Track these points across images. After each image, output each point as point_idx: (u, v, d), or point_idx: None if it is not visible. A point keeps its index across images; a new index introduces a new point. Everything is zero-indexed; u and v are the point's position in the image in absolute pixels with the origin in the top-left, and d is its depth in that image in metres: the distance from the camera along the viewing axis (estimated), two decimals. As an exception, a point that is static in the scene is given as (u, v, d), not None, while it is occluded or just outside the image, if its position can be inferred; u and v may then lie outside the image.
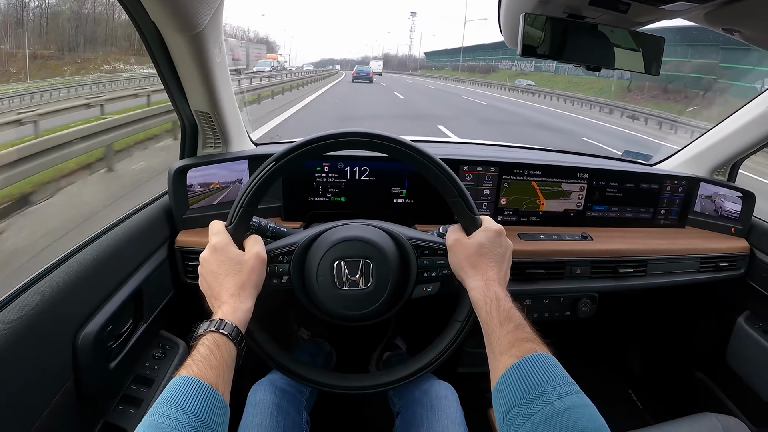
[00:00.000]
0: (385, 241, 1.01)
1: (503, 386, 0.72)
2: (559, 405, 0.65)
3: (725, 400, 1.76)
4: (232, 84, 1.34)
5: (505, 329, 0.80)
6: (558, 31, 1.08)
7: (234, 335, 0.80)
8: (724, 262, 1.61)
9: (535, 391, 0.68)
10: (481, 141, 2.17)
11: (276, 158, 0.93)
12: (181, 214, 1.31)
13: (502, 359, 0.76)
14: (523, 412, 0.66)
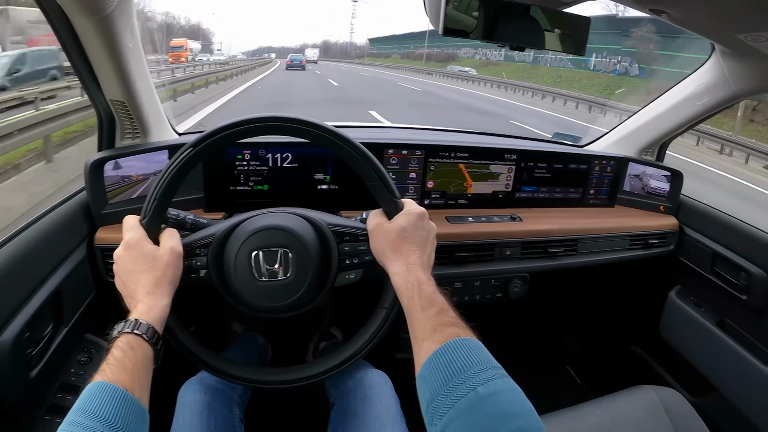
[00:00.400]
0: (304, 228, 0.97)
1: (426, 373, 0.70)
2: (482, 390, 0.63)
3: (661, 372, 1.81)
4: (148, 71, 1.28)
5: (428, 314, 0.78)
6: (481, 11, 1.05)
7: (149, 335, 0.77)
8: (654, 239, 1.65)
9: (459, 377, 0.66)
10: (410, 125, 2.16)
11: (189, 146, 0.89)
12: (100, 210, 1.25)
13: (425, 345, 0.73)
14: (446, 400, 0.64)
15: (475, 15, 1.05)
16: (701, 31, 1.18)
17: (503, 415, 0.61)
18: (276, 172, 1.41)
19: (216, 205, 1.40)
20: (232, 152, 1.37)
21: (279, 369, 1.03)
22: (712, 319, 1.58)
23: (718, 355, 1.53)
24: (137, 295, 0.83)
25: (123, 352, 0.72)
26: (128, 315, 0.80)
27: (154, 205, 0.89)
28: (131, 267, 0.85)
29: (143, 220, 0.89)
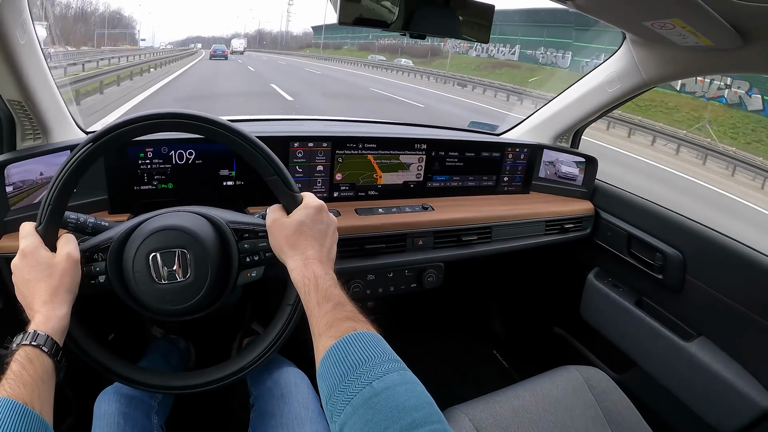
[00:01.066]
0: (202, 227, 0.94)
1: (323, 370, 0.68)
2: (378, 385, 0.62)
3: (584, 352, 1.84)
4: (47, 67, 1.21)
5: (323, 309, 0.76)
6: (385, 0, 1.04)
7: (47, 346, 0.74)
8: (570, 223, 1.67)
9: (354, 373, 0.64)
10: (317, 117, 2.14)
11: (76, 151, 0.85)
12: (3, 217, 1.16)
13: (321, 341, 0.71)
14: (343, 396, 0.62)
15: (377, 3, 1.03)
16: (610, 20, 1.20)
17: (399, 408, 0.59)
18: (180, 170, 1.35)
19: (121, 207, 1.33)
20: (134, 151, 1.31)
21: (187, 374, 1.00)
22: (631, 298, 1.62)
23: (638, 332, 1.56)
24: (34, 305, 0.79)
25: (21, 366, 0.70)
26: (27, 326, 0.76)
27: (48, 210, 0.84)
28: (27, 276, 0.81)
29: (39, 227, 0.85)
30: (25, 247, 0.82)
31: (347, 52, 63.79)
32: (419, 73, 29.76)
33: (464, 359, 1.08)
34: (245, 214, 1.04)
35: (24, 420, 0.63)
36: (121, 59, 22.24)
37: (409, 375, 0.65)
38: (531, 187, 1.78)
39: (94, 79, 12.79)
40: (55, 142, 1.29)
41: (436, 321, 1.69)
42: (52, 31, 2.40)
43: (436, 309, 2.02)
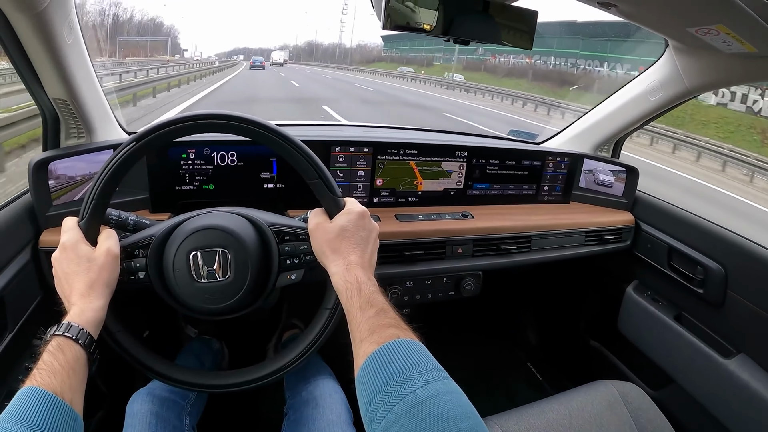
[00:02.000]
0: (244, 228, 0.95)
1: (364, 376, 0.68)
2: (422, 393, 0.61)
3: (620, 366, 1.80)
4: (92, 67, 1.25)
5: (366, 315, 0.76)
6: (425, 4, 1.04)
7: (80, 337, 0.75)
8: (610, 235, 1.64)
9: (397, 380, 0.63)
10: (360, 123, 2.14)
11: (124, 146, 0.87)
12: (44, 212, 1.21)
13: (363, 346, 0.72)
14: (384, 403, 0.62)
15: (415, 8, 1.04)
16: (652, 26, 1.18)
17: (443, 417, 0.59)
18: (221, 171, 1.38)
19: (162, 206, 1.37)
20: (177, 151, 1.34)
21: (224, 373, 1.01)
22: (670, 313, 1.58)
23: (676, 348, 1.53)
24: (72, 297, 0.81)
25: (53, 356, 0.71)
26: (62, 318, 0.78)
27: (91, 205, 0.87)
28: (67, 269, 0.83)
29: (81, 221, 0.87)
30: (66, 240, 0.85)
31: (418, 67, 59.19)
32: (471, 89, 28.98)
33: (497, 369, 1.07)
34: (285, 216, 1.05)
35: (53, 409, 0.65)
36: (150, 71, 21.47)
37: (453, 384, 0.65)
38: (571, 197, 1.77)
39: (127, 91, 13.10)
40: (98, 141, 1.34)
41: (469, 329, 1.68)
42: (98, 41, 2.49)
43: (469, 317, 2.01)
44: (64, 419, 0.65)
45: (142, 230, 0.97)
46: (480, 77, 38.56)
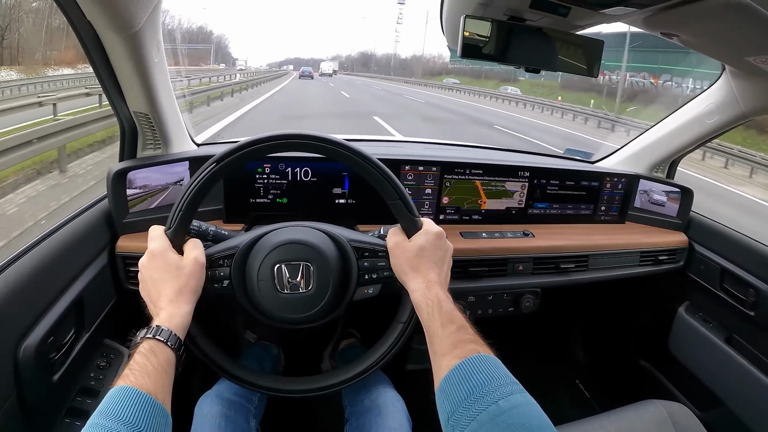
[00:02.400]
0: (325, 243, 0.99)
1: (447, 387, 0.72)
2: (504, 404, 0.65)
3: (669, 387, 1.80)
4: (171, 84, 1.31)
5: (448, 331, 0.80)
6: (499, 33, 1.08)
7: (171, 341, 0.78)
8: (664, 255, 1.65)
9: (479, 391, 0.67)
10: (423, 140, 2.17)
11: (214, 161, 0.91)
12: (121, 219, 1.27)
13: (445, 360, 0.76)
14: (468, 413, 0.66)
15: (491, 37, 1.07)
16: (712, 54, 1.20)
17: (524, 427, 0.63)
18: (295, 186, 1.43)
19: (235, 217, 1.42)
20: (253, 165, 1.39)
21: (298, 378, 1.05)
22: (721, 335, 1.59)
23: (726, 370, 1.53)
24: (160, 302, 0.84)
25: (146, 358, 0.74)
26: (151, 322, 0.81)
27: (179, 216, 0.91)
28: (155, 276, 0.86)
29: (168, 230, 0.91)
30: (155, 248, 0.88)
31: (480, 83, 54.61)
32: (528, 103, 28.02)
33: (545, 385, 1.07)
34: (359, 232, 1.08)
35: (147, 408, 0.67)
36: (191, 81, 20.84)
37: (530, 397, 0.68)
38: (627, 217, 1.78)
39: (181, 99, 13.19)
40: (173, 153, 1.39)
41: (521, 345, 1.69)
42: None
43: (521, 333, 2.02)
44: (158, 418, 0.68)
45: (222, 241, 1.01)
46: (541, 90, 37.91)
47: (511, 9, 1.09)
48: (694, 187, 1.73)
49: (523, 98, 27.89)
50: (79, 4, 0.92)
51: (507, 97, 30.45)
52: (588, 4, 1.01)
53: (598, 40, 1.16)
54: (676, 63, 28.51)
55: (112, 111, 1.28)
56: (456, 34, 1.06)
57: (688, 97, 1.64)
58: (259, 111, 15.19)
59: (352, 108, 18.24)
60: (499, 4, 1.07)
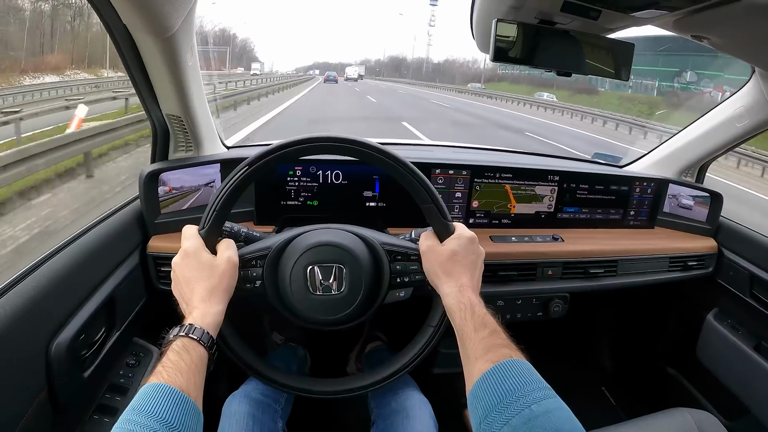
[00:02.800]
0: (358, 245, 1.00)
1: (479, 391, 0.73)
2: (537, 408, 0.66)
3: (697, 395, 1.79)
4: (204, 88, 1.32)
5: (480, 335, 0.80)
6: (529, 37, 1.09)
7: (204, 339, 0.79)
8: (693, 261, 1.64)
9: (512, 395, 0.68)
10: (452, 144, 2.17)
11: (248, 163, 0.92)
12: (153, 219, 1.29)
13: (478, 364, 0.76)
14: (500, 417, 0.67)
15: (522, 41, 1.08)
16: (741, 56, 1.20)
17: (556, 431, 0.63)
18: (326, 189, 1.44)
19: (266, 219, 1.43)
20: (284, 168, 1.40)
21: (327, 380, 1.05)
22: (750, 342, 1.57)
23: (755, 379, 1.51)
24: (193, 301, 0.85)
25: (178, 355, 0.74)
26: (183, 320, 0.82)
27: (212, 216, 0.92)
28: (188, 274, 0.88)
29: (201, 230, 0.92)
30: (188, 247, 0.89)
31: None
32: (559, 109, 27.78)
33: (570, 391, 1.05)
34: (391, 235, 1.09)
35: (180, 405, 0.67)
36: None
37: (562, 402, 0.69)
38: (656, 222, 1.77)
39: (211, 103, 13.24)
40: (205, 155, 1.41)
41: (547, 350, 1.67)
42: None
43: (548, 338, 2.01)
44: (190, 415, 0.68)
45: (254, 242, 1.02)
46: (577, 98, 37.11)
47: (542, 12, 1.09)
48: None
49: (558, 105, 27.58)
50: (115, 8, 0.94)
51: (538, 103, 30.30)
52: (619, 7, 1.02)
53: (628, 43, 1.16)
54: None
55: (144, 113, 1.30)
56: (487, 38, 1.07)
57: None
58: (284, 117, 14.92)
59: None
60: (529, 8, 1.07)
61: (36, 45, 32.21)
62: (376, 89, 40.90)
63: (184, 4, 0.99)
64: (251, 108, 16.36)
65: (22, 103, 15.26)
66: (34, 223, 4.79)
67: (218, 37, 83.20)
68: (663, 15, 1.00)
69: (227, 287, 0.89)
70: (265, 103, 18.56)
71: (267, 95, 22.01)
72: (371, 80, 78.74)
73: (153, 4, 0.92)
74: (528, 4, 1.06)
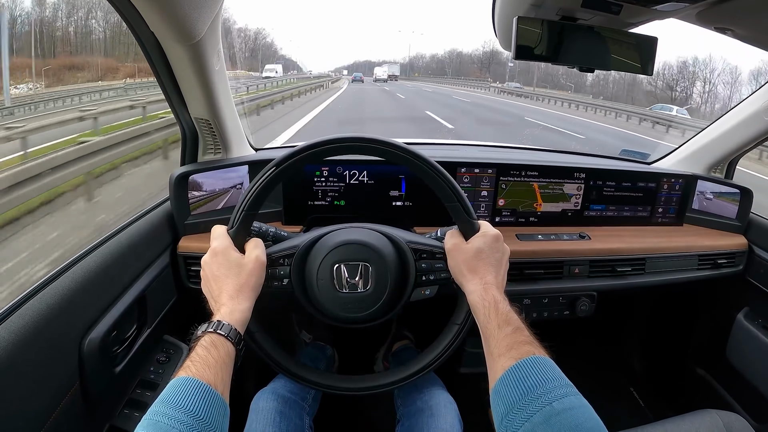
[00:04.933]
0: (383, 244, 1.03)
1: (501, 388, 0.74)
2: (557, 406, 0.67)
3: (726, 396, 1.78)
4: (231, 91, 1.36)
5: (504, 332, 0.82)
6: (552, 34, 1.10)
7: (231, 335, 0.82)
8: (723, 258, 1.63)
9: (534, 393, 0.69)
10: (479, 142, 2.18)
11: (276, 164, 0.96)
12: (183, 220, 1.34)
13: (500, 361, 0.78)
14: (521, 414, 0.68)
15: (544, 38, 1.09)
16: (767, 47, 1.18)
17: (578, 428, 0.64)
18: (353, 189, 1.47)
19: (293, 218, 1.47)
20: (311, 168, 1.44)
21: (353, 377, 1.08)
22: None
23: None
24: (221, 299, 0.88)
25: (206, 350, 0.77)
26: (212, 317, 0.85)
27: (241, 216, 0.95)
28: (217, 273, 0.91)
29: (230, 230, 0.96)
30: (217, 246, 0.93)
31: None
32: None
33: (598, 392, 1.05)
34: (417, 234, 1.12)
35: (208, 399, 0.70)
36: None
37: (584, 400, 0.70)
38: (684, 219, 1.77)
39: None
40: (233, 158, 1.46)
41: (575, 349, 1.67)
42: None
43: (576, 337, 2.01)
44: (217, 409, 0.70)
45: (282, 241, 1.06)
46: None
47: (563, 9, 1.11)
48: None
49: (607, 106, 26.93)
50: (143, 17, 0.98)
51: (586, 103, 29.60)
52: (640, 0, 1.01)
53: (651, 36, 1.17)
54: None
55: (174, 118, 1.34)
56: (509, 36, 1.09)
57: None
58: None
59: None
60: (551, 5, 1.09)
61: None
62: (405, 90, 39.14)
63: (209, 11, 1.04)
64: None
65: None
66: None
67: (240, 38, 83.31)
68: (685, 7, 1.00)
69: (255, 285, 0.92)
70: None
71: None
72: (406, 82, 73.56)
73: (180, 13, 0.96)
74: (549, 1, 1.07)
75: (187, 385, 0.70)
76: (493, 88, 43.82)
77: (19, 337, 0.80)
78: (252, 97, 17.40)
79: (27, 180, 4.74)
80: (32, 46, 28.04)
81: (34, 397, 0.82)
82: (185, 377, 0.72)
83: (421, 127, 13.56)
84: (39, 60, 26.89)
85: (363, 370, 1.11)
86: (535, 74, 60.06)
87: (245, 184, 1.43)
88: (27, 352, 0.81)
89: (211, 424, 0.68)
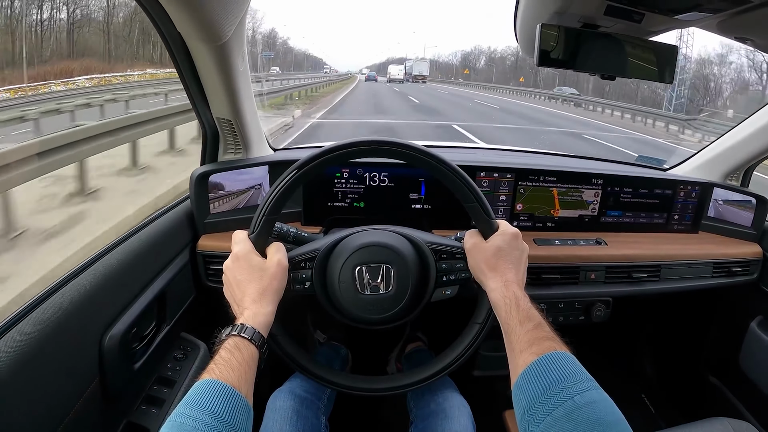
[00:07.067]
0: (404, 246, 1.06)
1: (523, 383, 0.77)
2: (579, 400, 0.69)
3: (738, 405, 1.81)
4: (253, 92, 1.40)
5: (525, 328, 0.84)
6: (573, 41, 1.14)
7: (255, 338, 0.84)
8: (737, 267, 1.66)
9: (556, 387, 0.72)
10: (498, 146, 2.19)
11: (297, 167, 0.99)
12: (203, 219, 1.37)
13: (522, 357, 0.80)
14: (544, 407, 0.70)
15: (566, 45, 1.11)
16: (787, 57, 1.19)
17: (600, 422, 0.66)
18: (372, 191, 1.51)
19: (313, 220, 1.51)
20: (332, 170, 1.48)
21: (374, 378, 1.11)
22: None
23: None
24: (244, 302, 0.91)
25: (230, 353, 0.79)
26: (235, 320, 0.88)
27: (262, 221, 0.98)
28: (239, 277, 0.94)
29: (251, 234, 0.99)
30: (239, 251, 0.96)
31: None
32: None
33: (611, 397, 1.05)
34: (437, 235, 1.14)
35: (232, 401, 0.71)
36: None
37: (605, 394, 0.72)
38: (700, 227, 1.79)
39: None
40: (253, 157, 1.50)
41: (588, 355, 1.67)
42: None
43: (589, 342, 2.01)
44: (241, 411, 0.72)
45: (301, 243, 1.09)
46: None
47: (585, 16, 1.14)
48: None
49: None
50: (171, 17, 1.02)
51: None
52: (662, 10, 1.04)
53: (672, 45, 1.21)
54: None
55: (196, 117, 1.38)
56: (531, 42, 1.12)
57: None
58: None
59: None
60: (573, 12, 1.12)
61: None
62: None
63: (236, 13, 1.07)
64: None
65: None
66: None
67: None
68: (706, 17, 1.03)
69: (277, 289, 0.95)
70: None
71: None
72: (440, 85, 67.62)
73: (208, 14, 0.99)
74: (571, 9, 1.10)
75: (212, 388, 0.72)
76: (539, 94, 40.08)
77: (42, 333, 0.83)
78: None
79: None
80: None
81: (55, 390, 0.85)
82: (209, 380, 0.74)
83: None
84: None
85: (376, 371, 1.13)
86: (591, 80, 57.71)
87: (265, 184, 1.47)
88: (49, 347, 0.84)
89: (235, 426, 0.70)
